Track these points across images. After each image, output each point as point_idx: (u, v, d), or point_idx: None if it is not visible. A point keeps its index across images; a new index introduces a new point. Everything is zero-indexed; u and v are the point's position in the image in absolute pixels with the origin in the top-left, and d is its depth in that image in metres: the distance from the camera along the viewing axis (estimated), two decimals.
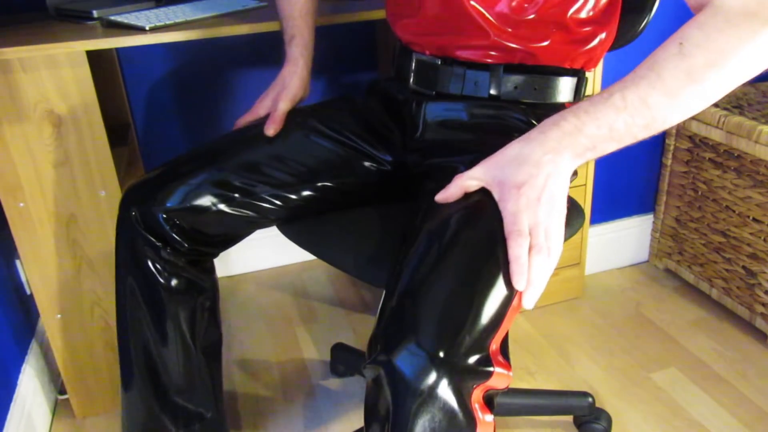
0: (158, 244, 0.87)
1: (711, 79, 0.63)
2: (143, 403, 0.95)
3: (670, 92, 0.64)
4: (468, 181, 0.71)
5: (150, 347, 0.92)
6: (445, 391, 0.59)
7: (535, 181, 0.65)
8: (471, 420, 0.61)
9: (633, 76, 0.66)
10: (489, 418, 0.63)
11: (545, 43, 0.85)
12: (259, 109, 1.00)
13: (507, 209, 0.66)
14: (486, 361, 0.62)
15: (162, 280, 0.89)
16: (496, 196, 0.68)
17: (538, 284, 0.63)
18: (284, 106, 0.96)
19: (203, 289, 0.95)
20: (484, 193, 0.70)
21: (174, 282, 0.90)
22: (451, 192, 0.72)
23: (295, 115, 0.97)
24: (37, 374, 1.28)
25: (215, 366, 1.02)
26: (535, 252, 0.64)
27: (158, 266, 0.88)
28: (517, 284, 0.63)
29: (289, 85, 0.98)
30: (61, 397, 1.35)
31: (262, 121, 0.96)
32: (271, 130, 0.94)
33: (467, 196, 0.72)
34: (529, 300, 0.64)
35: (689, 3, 0.68)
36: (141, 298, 0.90)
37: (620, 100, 0.64)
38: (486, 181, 0.70)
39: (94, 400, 1.29)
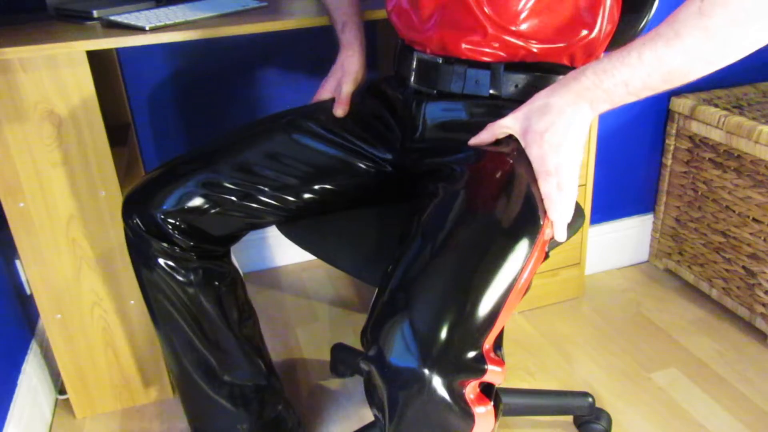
0: (164, 244, 0.88)
1: (731, 38, 0.63)
2: (197, 390, 0.97)
3: (687, 51, 0.65)
4: (499, 128, 0.78)
5: (188, 335, 0.93)
6: (438, 388, 0.59)
7: (557, 128, 0.72)
8: (467, 415, 0.61)
9: (653, 33, 0.67)
10: (482, 410, 0.63)
11: (544, 42, 0.85)
12: (323, 95, 1.03)
13: (533, 154, 0.74)
14: (480, 359, 0.62)
15: (179, 277, 0.90)
16: (523, 143, 0.76)
17: (567, 217, 0.72)
18: (348, 88, 1.00)
19: (223, 275, 0.95)
20: (511, 143, 0.78)
21: (192, 276, 0.91)
22: (482, 138, 0.81)
23: (294, 116, 0.97)
24: (37, 374, 1.28)
25: (257, 341, 1.03)
26: (559, 189, 0.72)
27: (171, 263, 0.89)
28: (553, 216, 0.72)
29: (350, 69, 1.01)
30: (61, 397, 1.35)
31: (264, 120, 0.97)
32: (340, 111, 0.98)
33: (498, 142, 0.80)
34: (561, 232, 0.73)
35: None
36: (164, 293, 0.91)
37: (636, 59, 0.67)
38: (514, 129, 0.77)
39: (94, 400, 1.29)
